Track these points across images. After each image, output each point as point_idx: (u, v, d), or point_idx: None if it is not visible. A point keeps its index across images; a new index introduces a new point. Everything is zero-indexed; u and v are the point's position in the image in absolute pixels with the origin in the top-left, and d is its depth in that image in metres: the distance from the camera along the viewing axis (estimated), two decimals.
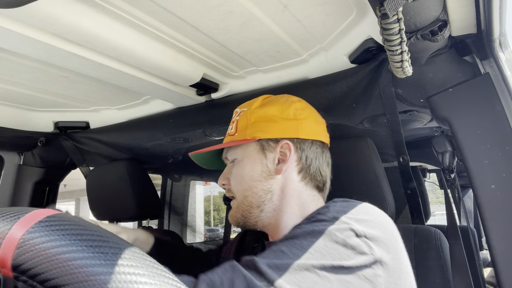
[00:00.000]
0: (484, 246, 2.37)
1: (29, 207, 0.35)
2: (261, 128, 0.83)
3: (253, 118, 0.85)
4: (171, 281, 0.32)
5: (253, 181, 0.81)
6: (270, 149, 0.82)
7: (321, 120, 0.90)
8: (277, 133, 0.82)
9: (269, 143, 0.82)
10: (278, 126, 0.83)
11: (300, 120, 0.84)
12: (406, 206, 1.16)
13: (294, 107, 0.85)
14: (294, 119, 0.84)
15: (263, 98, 0.90)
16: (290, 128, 0.83)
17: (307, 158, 0.83)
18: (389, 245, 0.63)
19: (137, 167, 1.69)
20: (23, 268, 0.31)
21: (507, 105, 0.85)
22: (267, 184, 0.81)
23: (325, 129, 0.90)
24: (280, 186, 0.81)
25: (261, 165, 0.82)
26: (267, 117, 0.84)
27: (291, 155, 0.81)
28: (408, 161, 1.11)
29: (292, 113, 0.84)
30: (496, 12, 0.73)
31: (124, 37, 0.87)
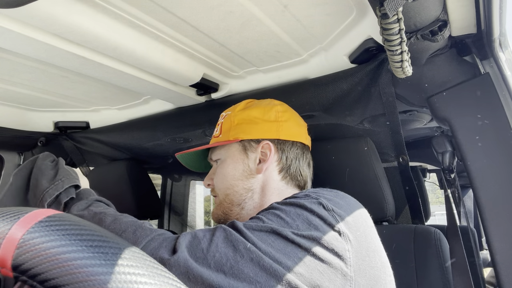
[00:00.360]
0: (484, 246, 2.37)
1: (29, 207, 0.35)
2: (244, 129, 0.87)
3: (236, 120, 0.89)
4: (171, 281, 0.32)
5: (235, 180, 0.85)
6: (251, 149, 0.86)
7: (302, 123, 0.94)
8: (259, 134, 0.86)
9: (251, 144, 0.86)
10: (260, 128, 0.87)
11: (281, 122, 0.88)
12: (406, 206, 1.16)
13: (276, 109, 0.89)
14: (275, 121, 0.88)
15: (247, 102, 0.95)
16: (271, 129, 0.87)
17: (287, 159, 0.86)
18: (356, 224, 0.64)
19: (137, 167, 1.69)
20: (23, 268, 0.31)
21: (507, 105, 0.85)
22: (248, 183, 0.84)
23: (306, 131, 0.94)
24: (260, 184, 0.84)
25: (243, 165, 0.85)
26: (249, 119, 0.88)
27: (271, 155, 0.85)
28: (408, 161, 1.11)
29: (274, 115, 0.89)
30: (496, 12, 0.73)
31: (124, 37, 0.87)
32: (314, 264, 0.55)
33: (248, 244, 0.56)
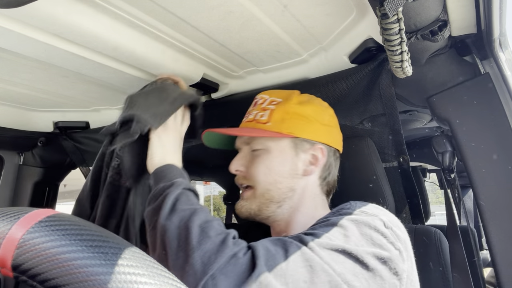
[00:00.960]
0: (484, 246, 2.36)
1: (29, 207, 0.35)
2: (298, 126, 0.83)
3: (292, 112, 0.85)
4: (171, 281, 0.32)
5: (280, 176, 0.81)
6: (303, 149, 0.83)
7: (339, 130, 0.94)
8: (314, 135, 0.84)
9: (304, 144, 0.83)
10: (315, 129, 0.84)
11: (332, 127, 0.88)
12: (406, 206, 1.16)
13: (328, 113, 0.89)
14: (328, 125, 0.87)
15: (298, 94, 0.90)
16: (324, 133, 0.85)
17: (330, 166, 0.86)
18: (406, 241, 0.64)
19: None
20: (23, 268, 0.31)
21: (507, 105, 0.85)
22: (292, 183, 0.81)
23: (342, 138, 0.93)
24: (302, 186, 0.82)
25: (291, 163, 0.82)
26: (305, 116, 0.84)
27: (322, 160, 0.83)
28: (408, 161, 1.11)
29: (327, 119, 0.87)
30: (496, 12, 0.73)
31: (124, 37, 0.87)
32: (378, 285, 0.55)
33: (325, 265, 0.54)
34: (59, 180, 1.85)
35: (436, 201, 10.23)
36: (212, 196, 18.91)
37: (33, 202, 1.70)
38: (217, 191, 17.77)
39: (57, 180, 1.84)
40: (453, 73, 0.93)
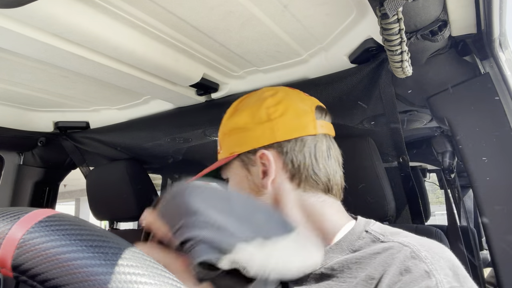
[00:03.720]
0: (484, 246, 2.36)
1: (29, 207, 0.35)
2: (236, 141, 0.74)
3: (226, 130, 0.77)
4: (171, 281, 0.32)
5: None
6: (251, 163, 0.72)
7: (306, 109, 0.74)
8: (253, 143, 0.72)
9: (249, 156, 0.73)
10: (252, 135, 0.72)
11: (275, 120, 0.71)
12: (406, 206, 1.16)
13: (266, 105, 0.73)
14: (268, 121, 0.72)
15: (237, 103, 0.80)
16: (264, 133, 0.71)
17: (294, 162, 0.70)
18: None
19: (137, 167, 1.69)
20: (23, 268, 0.31)
21: (507, 105, 0.85)
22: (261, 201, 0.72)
23: (313, 118, 0.73)
24: (274, 200, 0.71)
25: (248, 182, 0.73)
26: (240, 127, 0.74)
27: (271, 165, 0.69)
28: (408, 161, 1.11)
29: (264, 114, 0.72)
30: (496, 12, 0.73)
31: (124, 37, 0.87)
32: None
33: None
34: (59, 180, 1.86)
35: (436, 201, 10.23)
36: None
37: (33, 202, 1.70)
38: None
39: (57, 180, 1.84)
40: (453, 73, 0.93)
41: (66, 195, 11.88)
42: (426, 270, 0.52)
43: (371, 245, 0.62)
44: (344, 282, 0.60)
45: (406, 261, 0.55)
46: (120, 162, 1.67)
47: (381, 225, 0.68)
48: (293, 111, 0.73)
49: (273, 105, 0.73)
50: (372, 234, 0.64)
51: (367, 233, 0.65)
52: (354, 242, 0.65)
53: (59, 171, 1.82)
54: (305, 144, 0.71)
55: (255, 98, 0.77)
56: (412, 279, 0.52)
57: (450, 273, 0.53)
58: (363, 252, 0.61)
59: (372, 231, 0.65)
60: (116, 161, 1.71)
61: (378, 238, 0.63)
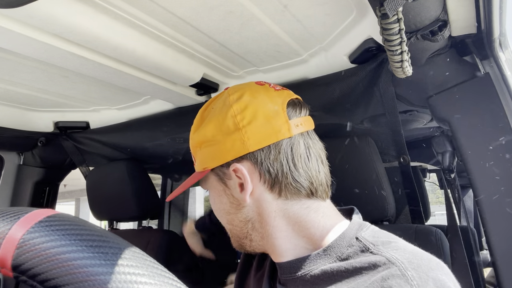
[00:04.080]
0: (484, 246, 2.37)
1: (29, 207, 0.35)
2: (208, 154, 0.69)
3: (196, 143, 0.71)
4: (171, 281, 0.32)
5: (228, 214, 0.70)
6: (227, 177, 0.68)
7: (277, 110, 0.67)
8: (225, 157, 0.66)
9: (223, 171, 0.68)
10: (222, 148, 0.66)
11: (244, 129, 0.65)
12: (406, 206, 1.16)
13: (231, 113, 0.66)
14: (236, 130, 0.65)
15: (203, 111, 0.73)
16: (235, 144, 0.65)
17: (270, 171, 0.65)
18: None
19: (137, 167, 1.70)
20: (23, 268, 0.31)
21: (507, 105, 0.85)
22: (242, 215, 0.68)
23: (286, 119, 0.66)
24: (256, 212, 0.67)
25: (227, 197, 0.69)
26: (209, 140, 0.68)
27: (246, 178, 0.65)
28: (408, 161, 1.11)
29: (231, 123, 0.65)
30: (496, 12, 0.73)
31: (124, 37, 0.87)
32: None
33: None
34: (59, 180, 1.86)
35: (436, 201, 10.23)
36: None
37: (33, 202, 1.70)
38: None
39: (57, 180, 1.84)
40: (453, 73, 0.93)
41: (66, 195, 11.89)
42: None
43: (359, 255, 0.60)
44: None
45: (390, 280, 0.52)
46: (120, 162, 1.67)
47: (375, 229, 0.65)
48: (262, 116, 0.66)
49: (239, 112, 0.66)
50: (363, 242, 0.61)
51: (357, 241, 0.62)
52: (343, 249, 0.62)
53: (59, 171, 1.82)
54: (280, 150, 0.65)
55: (220, 104, 0.69)
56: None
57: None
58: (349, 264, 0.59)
59: (363, 239, 0.61)
60: (116, 161, 1.71)
61: (368, 248, 0.60)
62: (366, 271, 0.56)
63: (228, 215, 0.70)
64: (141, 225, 1.85)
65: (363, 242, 0.61)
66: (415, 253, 0.57)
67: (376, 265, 0.56)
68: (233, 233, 0.72)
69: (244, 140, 0.65)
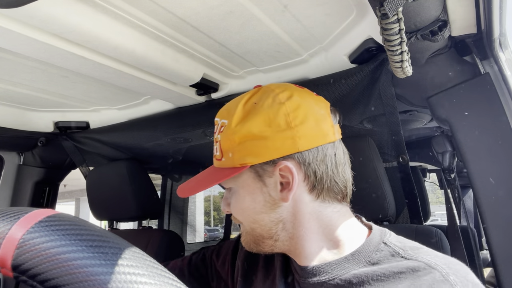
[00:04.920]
0: (484, 246, 2.37)
1: (29, 207, 0.35)
2: (250, 150, 0.66)
3: (237, 138, 0.66)
4: (171, 281, 0.32)
5: (258, 214, 0.68)
6: (267, 174, 0.66)
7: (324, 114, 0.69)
8: (272, 154, 0.65)
9: (266, 168, 0.66)
10: (271, 144, 0.65)
11: (296, 128, 0.65)
12: (406, 206, 1.16)
13: (284, 111, 0.65)
14: (288, 128, 0.65)
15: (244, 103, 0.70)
16: (285, 142, 0.65)
17: (316, 173, 0.66)
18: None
19: (137, 167, 1.70)
20: (23, 268, 0.31)
21: (507, 105, 0.85)
22: (275, 215, 0.67)
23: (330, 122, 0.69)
24: (291, 212, 0.67)
25: (262, 195, 0.67)
26: (254, 135, 0.65)
27: (294, 177, 0.64)
28: (408, 161, 1.11)
29: (283, 121, 0.65)
30: (496, 12, 0.73)
31: (124, 37, 0.87)
32: None
33: None
34: (59, 180, 1.86)
35: (436, 201, 10.23)
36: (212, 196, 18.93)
37: (33, 202, 1.70)
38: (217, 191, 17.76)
39: (57, 180, 1.84)
40: (453, 73, 0.93)
41: (66, 195, 11.90)
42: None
43: (391, 260, 0.61)
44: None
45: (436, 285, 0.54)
46: (120, 162, 1.67)
47: (397, 236, 0.67)
48: (313, 118, 0.67)
49: (292, 111, 0.66)
50: (391, 247, 0.63)
51: (385, 245, 0.63)
52: (371, 254, 0.63)
53: (59, 171, 1.82)
54: (326, 153, 0.67)
55: (270, 100, 0.68)
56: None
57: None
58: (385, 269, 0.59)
59: (391, 244, 0.63)
60: (116, 161, 1.71)
61: (398, 252, 0.61)
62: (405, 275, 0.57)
63: (257, 214, 0.68)
64: (141, 225, 1.85)
65: (392, 247, 0.62)
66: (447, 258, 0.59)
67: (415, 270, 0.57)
68: (256, 233, 0.70)
69: (295, 139, 0.64)
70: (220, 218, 16.22)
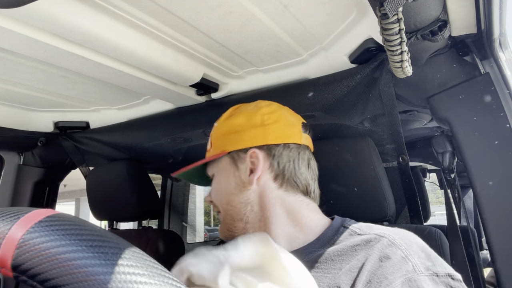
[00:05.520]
0: (484, 246, 2.37)
1: (29, 207, 0.35)
2: (230, 140, 0.82)
3: (222, 130, 0.85)
4: (171, 281, 0.32)
5: (230, 195, 0.81)
6: (241, 160, 0.81)
7: (294, 122, 0.85)
8: (245, 143, 0.81)
9: (239, 154, 0.81)
10: (246, 136, 0.81)
11: (268, 125, 0.81)
12: (406, 206, 1.16)
13: (261, 112, 0.83)
14: (261, 125, 0.81)
15: (233, 108, 0.89)
16: (257, 135, 0.81)
17: (279, 164, 0.79)
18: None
19: (137, 167, 1.69)
20: (23, 268, 0.31)
21: (507, 105, 0.85)
22: (243, 196, 0.79)
23: (299, 131, 0.84)
24: (257, 196, 0.79)
25: (234, 178, 0.81)
26: (235, 128, 0.83)
27: (259, 163, 0.78)
28: (407, 161, 1.11)
29: (259, 119, 0.82)
30: (496, 12, 0.73)
31: (124, 37, 0.87)
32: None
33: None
34: (59, 180, 1.86)
35: (436, 201, 10.23)
36: None
37: (33, 202, 1.70)
38: None
39: (57, 180, 1.84)
40: (453, 73, 0.93)
41: (66, 195, 11.90)
42: (403, 256, 0.61)
43: (349, 238, 0.71)
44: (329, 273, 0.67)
45: (385, 249, 0.63)
46: (120, 162, 1.67)
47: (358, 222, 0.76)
48: (284, 121, 0.83)
49: (267, 113, 0.83)
50: (349, 228, 0.74)
51: (344, 228, 0.75)
52: (333, 236, 0.74)
53: (59, 171, 1.82)
54: (290, 150, 0.81)
55: (252, 105, 0.86)
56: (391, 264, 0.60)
57: (422, 255, 0.62)
58: (343, 245, 0.69)
59: (349, 226, 0.74)
60: (116, 161, 1.71)
61: (355, 231, 0.72)
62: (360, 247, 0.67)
63: (229, 195, 0.81)
64: (141, 225, 1.85)
65: (350, 228, 0.74)
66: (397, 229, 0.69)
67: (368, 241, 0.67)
68: (228, 215, 0.81)
69: (265, 134, 0.81)
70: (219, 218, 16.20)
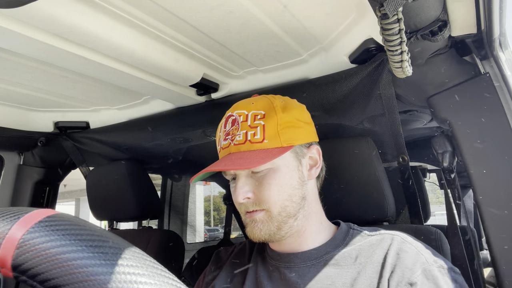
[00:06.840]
0: (484, 246, 2.37)
1: (29, 207, 0.35)
2: (293, 134, 0.80)
3: (284, 123, 0.79)
4: (171, 281, 0.32)
5: (293, 190, 0.78)
6: (302, 155, 0.82)
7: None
8: (306, 138, 0.83)
9: (302, 149, 0.82)
10: (305, 131, 0.83)
11: (312, 123, 0.87)
12: (406, 206, 1.16)
13: (305, 110, 0.88)
14: (310, 123, 0.86)
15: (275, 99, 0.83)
16: (311, 132, 0.86)
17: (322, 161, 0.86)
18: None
19: (137, 167, 1.70)
20: (23, 268, 0.31)
21: (507, 105, 0.85)
22: (303, 191, 0.80)
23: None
24: (310, 191, 0.83)
25: (298, 172, 0.80)
26: (294, 122, 0.81)
27: (320, 157, 0.84)
28: (408, 161, 1.11)
29: (308, 117, 0.86)
30: (496, 12, 0.73)
31: (124, 37, 0.87)
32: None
33: None
34: (59, 180, 1.86)
35: (436, 201, 10.23)
36: (212, 196, 18.93)
37: (33, 202, 1.70)
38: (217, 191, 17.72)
39: (57, 180, 1.84)
40: (453, 73, 0.93)
41: (66, 195, 11.90)
42: (416, 251, 0.73)
43: (361, 239, 0.80)
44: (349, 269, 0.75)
45: (400, 245, 0.75)
46: (120, 162, 1.67)
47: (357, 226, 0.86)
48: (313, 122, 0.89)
49: (307, 111, 0.88)
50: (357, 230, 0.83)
51: (353, 230, 0.83)
52: (344, 237, 0.82)
53: (59, 171, 1.82)
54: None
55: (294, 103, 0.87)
56: (409, 256, 0.72)
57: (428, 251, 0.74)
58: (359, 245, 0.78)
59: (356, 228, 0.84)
60: (116, 161, 1.71)
61: (365, 233, 0.81)
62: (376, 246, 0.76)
63: (293, 189, 0.79)
64: (141, 225, 1.85)
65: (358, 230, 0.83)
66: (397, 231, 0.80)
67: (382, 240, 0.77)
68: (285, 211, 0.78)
69: (313, 130, 0.87)
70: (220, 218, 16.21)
